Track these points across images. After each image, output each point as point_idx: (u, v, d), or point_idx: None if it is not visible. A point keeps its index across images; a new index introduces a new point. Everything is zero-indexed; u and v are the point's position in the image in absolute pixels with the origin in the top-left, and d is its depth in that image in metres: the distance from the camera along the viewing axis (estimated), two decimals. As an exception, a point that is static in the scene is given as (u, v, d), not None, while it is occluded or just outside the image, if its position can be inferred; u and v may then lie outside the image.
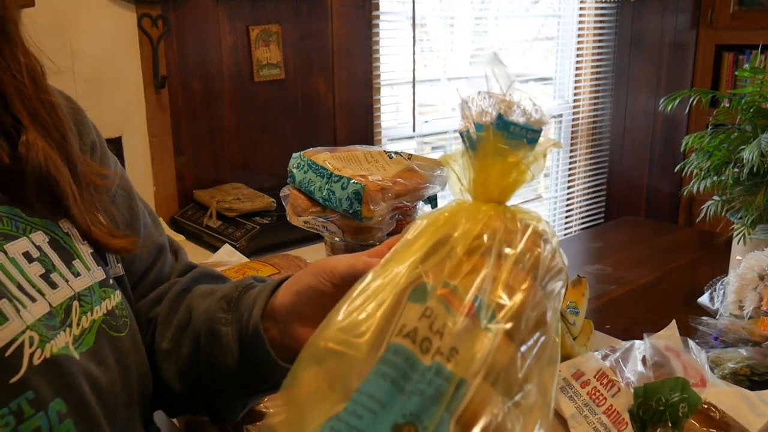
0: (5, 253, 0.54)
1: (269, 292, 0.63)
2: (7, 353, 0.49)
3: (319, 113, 2.67)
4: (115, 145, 2.16)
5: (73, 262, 0.59)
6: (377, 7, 2.75)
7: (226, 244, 1.68)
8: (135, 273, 0.72)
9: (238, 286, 0.68)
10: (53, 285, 0.56)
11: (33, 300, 0.53)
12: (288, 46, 2.51)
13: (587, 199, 3.92)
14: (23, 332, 0.50)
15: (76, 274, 0.58)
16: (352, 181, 1.21)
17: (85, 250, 0.61)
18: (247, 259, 1.50)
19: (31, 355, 0.50)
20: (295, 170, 1.33)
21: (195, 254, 1.81)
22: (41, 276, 0.55)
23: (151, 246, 0.74)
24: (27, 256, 0.55)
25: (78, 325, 0.56)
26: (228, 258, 1.54)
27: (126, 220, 0.71)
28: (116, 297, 0.62)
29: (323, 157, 1.31)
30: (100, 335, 0.58)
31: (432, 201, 1.35)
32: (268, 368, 0.61)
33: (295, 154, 1.36)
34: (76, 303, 0.57)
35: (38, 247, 0.56)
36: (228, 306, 0.65)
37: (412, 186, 1.25)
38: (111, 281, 0.63)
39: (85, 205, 0.61)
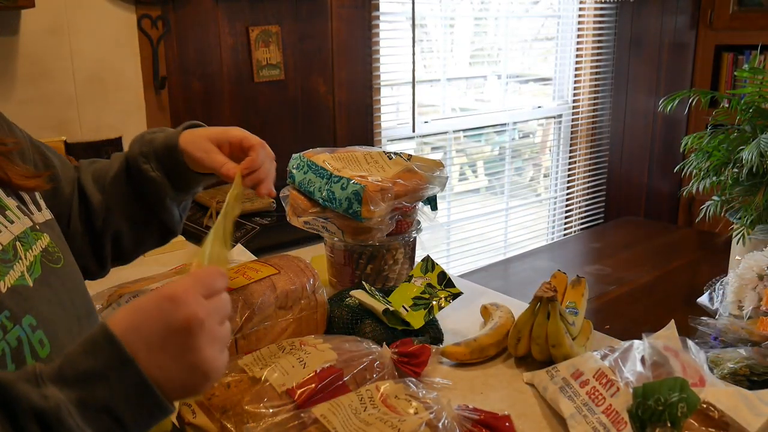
0: None
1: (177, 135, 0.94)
2: None
3: (319, 114, 2.67)
4: (115, 145, 2.16)
5: (6, 212, 0.71)
6: (377, 7, 2.75)
7: (238, 244, 1.68)
8: (66, 202, 0.92)
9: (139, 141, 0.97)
10: None
11: None
12: (288, 46, 2.52)
13: (587, 200, 3.92)
14: None
15: (11, 221, 0.70)
16: (352, 181, 1.21)
17: (11, 203, 0.73)
18: (254, 257, 1.50)
19: None
20: (294, 171, 1.33)
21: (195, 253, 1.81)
22: None
23: (70, 177, 0.94)
24: None
25: (26, 258, 0.69)
26: (237, 257, 1.54)
27: (40, 167, 0.88)
28: (46, 238, 0.75)
29: (323, 157, 1.31)
30: (44, 266, 0.71)
31: (431, 201, 1.35)
32: (186, 176, 0.94)
33: (294, 155, 1.36)
34: (18, 243, 0.69)
35: None
36: (142, 148, 0.94)
37: (412, 187, 1.25)
38: (38, 226, 0.75)
39: (2, 162, 0.73)
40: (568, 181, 3.85)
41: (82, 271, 0.84)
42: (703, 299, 1.37)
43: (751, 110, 1.47)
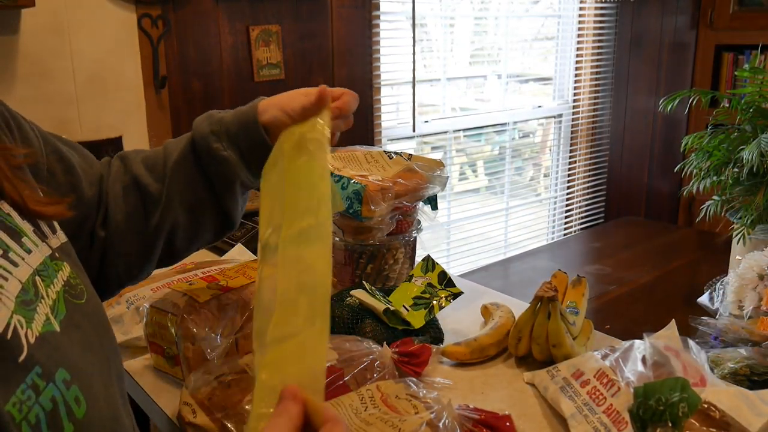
0: None
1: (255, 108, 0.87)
2: (8, 336, 0.52)
3: (319, 113, 2.66)
4: (115, 145, 2.16)
5: (22, 239, 0.61)
6: (377, 7, 2.75)
7: (239, 244, 1.68)
8: (89, 205, 0.83)
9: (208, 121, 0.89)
10: (14, 263, 0.58)
11: (5, 279, 0.55)
12: (288, 46, 2.51)
13: (587, 199, 3.92)
14: (12, 317, 0.53)
15: (28, 251, 0.60)
16: (352, 181, 1.21)
17: (27, 227, 0.63)
18: (254, 257, 1.50)
19: (26, 334, 0.54)
20: (295, 170, 1.33)
21: (195, 254, 1.81)
22: (1, 256, 0.57)
23: (93, 176, 0.85)
24: None
25: (47, 296, 0.59)
26: (239, 257, 1.54)
27: (59, 177, 0.79)
28: (66, 268, 0.66)
29: (323, 157, 1.31)
30: (68, 304, 0.62)
31: (432, 201, 1.35)
32: (263, 152, 0.81)
33: (295, 154, 1.35)
34: (38, 278, 0.59)
35: None
36: (212, 126, 0.86)
37: (412, 186, 1.25)
38: (57, 254, 0.65)
39: (15, 181, 0.63)
40: (568, 181, 3.85)
41: (114, 277, 0.79)
42: (703, 299, 1.37)
43: (751, 110, 1.47)
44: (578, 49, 3.62)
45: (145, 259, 0.88)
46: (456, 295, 1.18)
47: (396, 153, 1.32)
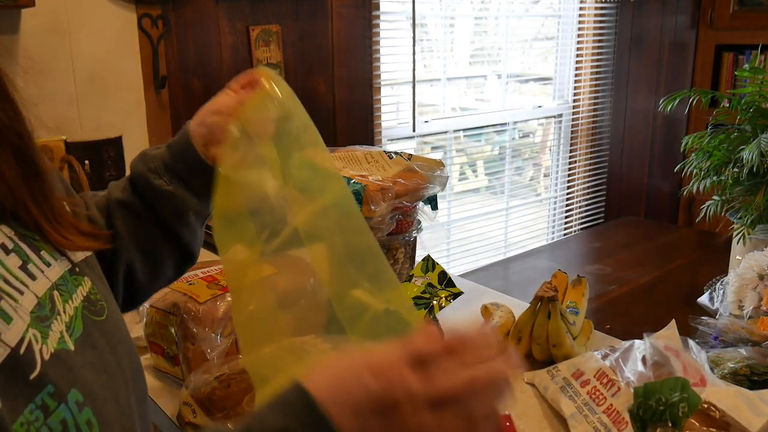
0: None
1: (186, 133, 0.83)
2: (22, 351, 0.50)
3: (319, 113, 2.67)
4: (115, 145, 2.16)
5: (41, 252, 0.59)
6: (377, 7, 2.75)
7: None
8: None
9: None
10: (32, 276, 0.56)
11: (21, 293, 0.54)
12: (288, 46, 2.51)
13: (587, 199, 3.92)
14: (27, 330, 0.51)
15: (47, 264, 0.59)
16: (353, 181, 1.21)
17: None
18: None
19: (40, 350, 0.51)
20: (295, 170, 1.33)
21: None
22: (20, 268, 0.55)
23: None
24: (3, 248, 0.55)
25: (64, 312, 0.57)
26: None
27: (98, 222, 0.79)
28: (87, 283, 0.64)
29: (323, 157, 1.31)
30: (86, 320, 0.60)
31: (432, 201, 1.35)
32: (207, 175, 0.79)
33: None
34: (56, 293, 0.58)
35: (10, 239, 0.57)
36: (148, 164, 0.83)
37: (412, 186, 1.25)
38: (78, 269, 0.64)
39: (57, 221, 0.63)
40: (568, 181, 3.85)
41: None
42: (703, 299, 1.37)
43: (751, 110, 1.47)
44: (578, 49, 3.62)
45: None
46: (456, 295, 1.18)
47: (396, 153, 1.32)
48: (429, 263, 1.23)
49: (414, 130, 3.07)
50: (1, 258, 0.54)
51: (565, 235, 3.89)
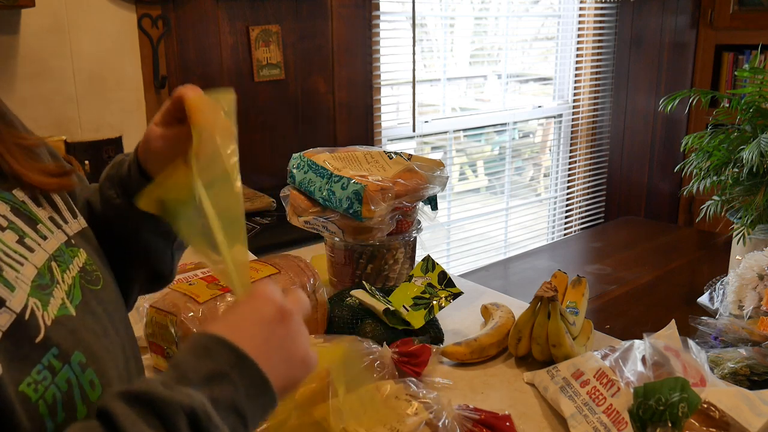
0: None
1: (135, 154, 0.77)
2: (26, 317, 0.53)
3: (319, 113, 2.67)
4: (116, 145, 2.16)
5: (38, 226, 0.61)
6: (377, 7, 2.75)
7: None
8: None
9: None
10: (30, 249, 0.59)
11: (20, 264, 0.56)
12: (288, 46, 2.51)
13: (587, 199, 3.92)
14: (28, 299, 0.54)
15: (44, 237, 0.61)
16: (352, 181, 1.21)
17: (43, 214, 0.63)
18: (254, 257, 1.50)
19: (42, 316, 0.55)
20: (295, 170, 1.33)
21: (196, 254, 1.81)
22: (17, 242, 0.58)
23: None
24: None
25: (63, 282, 0.60)
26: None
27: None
28: (82, 254, 0.66)
29: (323, 157, 1.31)
30: (83, 289, 0.63)
31: (432, 201, 1.35)
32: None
33: (295, 155, 1.36)
34: (53, 263, 0.60)
35: (4, 216, 0.58)
36: (110, 170, 0.79)
37: (412, 186, 1.25)
38: (72, 240, 0.66)
39: (20, 161, 0.63)
40: (569, 181, 3.85)
41: None
42: (703, 299, 1.37)
43: (751, 110, 1.47)
44: (578, 49, 3.62)
45: None
46: (456, 295, 1.18)
47: (396, 153, 1.32)
48: (429, 263, 1.23)
49: (414, 130, 3.07)
50: None
51: (565, 235, 3.89)
